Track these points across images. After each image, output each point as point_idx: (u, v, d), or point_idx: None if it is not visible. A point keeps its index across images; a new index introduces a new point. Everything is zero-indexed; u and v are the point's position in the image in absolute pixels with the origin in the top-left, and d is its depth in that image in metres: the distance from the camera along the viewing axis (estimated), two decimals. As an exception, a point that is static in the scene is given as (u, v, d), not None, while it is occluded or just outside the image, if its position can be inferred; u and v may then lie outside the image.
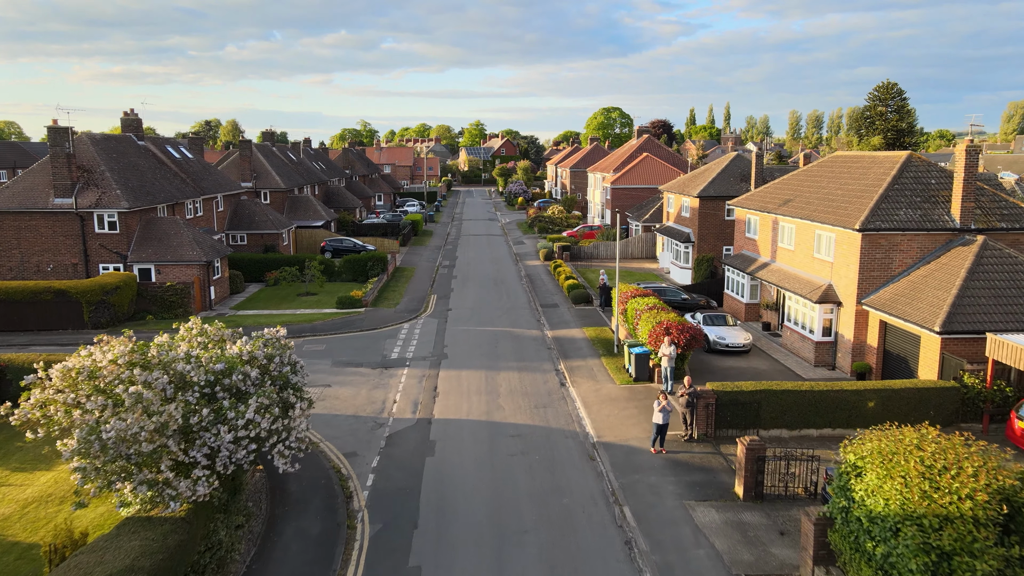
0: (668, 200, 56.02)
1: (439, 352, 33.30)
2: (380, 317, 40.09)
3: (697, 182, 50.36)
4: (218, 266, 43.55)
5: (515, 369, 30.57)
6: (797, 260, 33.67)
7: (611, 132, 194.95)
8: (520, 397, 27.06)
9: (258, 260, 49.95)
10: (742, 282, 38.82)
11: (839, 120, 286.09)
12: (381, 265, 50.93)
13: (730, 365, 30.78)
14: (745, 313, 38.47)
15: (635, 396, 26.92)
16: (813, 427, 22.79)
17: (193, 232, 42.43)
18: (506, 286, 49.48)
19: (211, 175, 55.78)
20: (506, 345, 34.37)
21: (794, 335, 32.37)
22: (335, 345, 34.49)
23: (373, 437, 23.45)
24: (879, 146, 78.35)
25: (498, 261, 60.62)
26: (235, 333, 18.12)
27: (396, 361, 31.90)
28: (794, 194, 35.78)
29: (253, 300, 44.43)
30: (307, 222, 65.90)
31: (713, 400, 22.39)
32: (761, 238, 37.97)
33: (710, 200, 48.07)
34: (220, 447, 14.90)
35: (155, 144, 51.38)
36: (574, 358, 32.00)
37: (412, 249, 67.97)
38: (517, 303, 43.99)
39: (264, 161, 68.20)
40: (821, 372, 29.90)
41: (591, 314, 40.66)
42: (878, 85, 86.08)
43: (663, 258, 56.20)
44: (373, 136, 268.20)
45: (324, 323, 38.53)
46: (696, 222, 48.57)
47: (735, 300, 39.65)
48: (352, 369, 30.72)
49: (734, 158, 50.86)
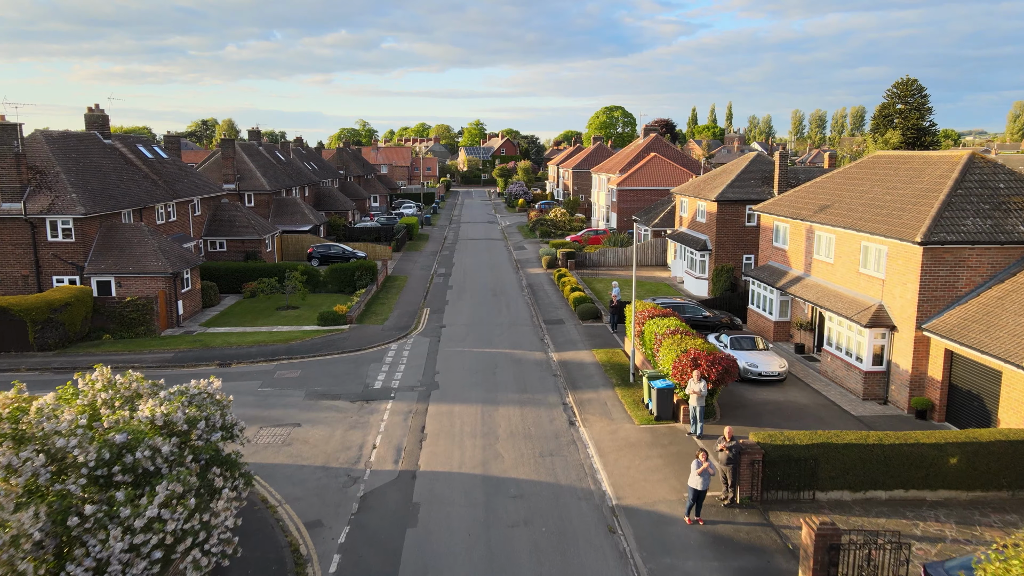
0: (681, 204, 51.86)
1: (429, 380, 29.15)
2: (366, 336, 35.92)
3: (714, 185, 46.21)
4: (188, 277, 39.39)
5: (516, 403, 26.41)
6: (838, 275, 29.51)
7: (613, 131, 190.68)
8: (523, 441, 22.90)
9: (235, 269, 45.79)
10: (770, 298, 34.66)
11: (843, 120, 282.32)
12: (370, 275, 46.78)
13: (764, 398, 26.62)
14: (774, 332, 34.30)
15: (658, 440, 22.76)
16: (881, 488, 18.63)
17: (159, 240, 38.27)
18: (506, 298, 45.32)
19: (188, 176, 51.62)
20: (506, 371, 30.23)
21: (836, 362, 28.21)
22: (312, 371, 30.33)
23: (344, 498, 19.29)
24: (899, 144, 74.17)
25: (497, 269, 56.45)
26: (155, 386, 13.95)
27: (379, 392, 27.74)
28: (831, 199, 31.63)
29: (227, 315, 40.26)
30: (293, 226, 61.72)
31: (760, 456, 18.24)
32: (792, 248, 33.82)
33: (729, 204, 43.92)
34: (110, 559, 10.78)
35: (124, 143, 47.22)
36: (584, 388, 27.84)
37: (406, 255, 63.81)
38: (518, 318, 39.83)
39: (248, 161, 64.04)
40: (871, 407, 25.74)
41: (601, 333, 36.49)
42: (896, 81, 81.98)
43: (676, 266, 52.03)
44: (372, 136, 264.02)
45: (302, 343, 34.36)
46: (714, 228, 44.41)
47: (762, 318, 35.48)
48: (328, 403, 26.55)
49: (754, 159, 46.70)
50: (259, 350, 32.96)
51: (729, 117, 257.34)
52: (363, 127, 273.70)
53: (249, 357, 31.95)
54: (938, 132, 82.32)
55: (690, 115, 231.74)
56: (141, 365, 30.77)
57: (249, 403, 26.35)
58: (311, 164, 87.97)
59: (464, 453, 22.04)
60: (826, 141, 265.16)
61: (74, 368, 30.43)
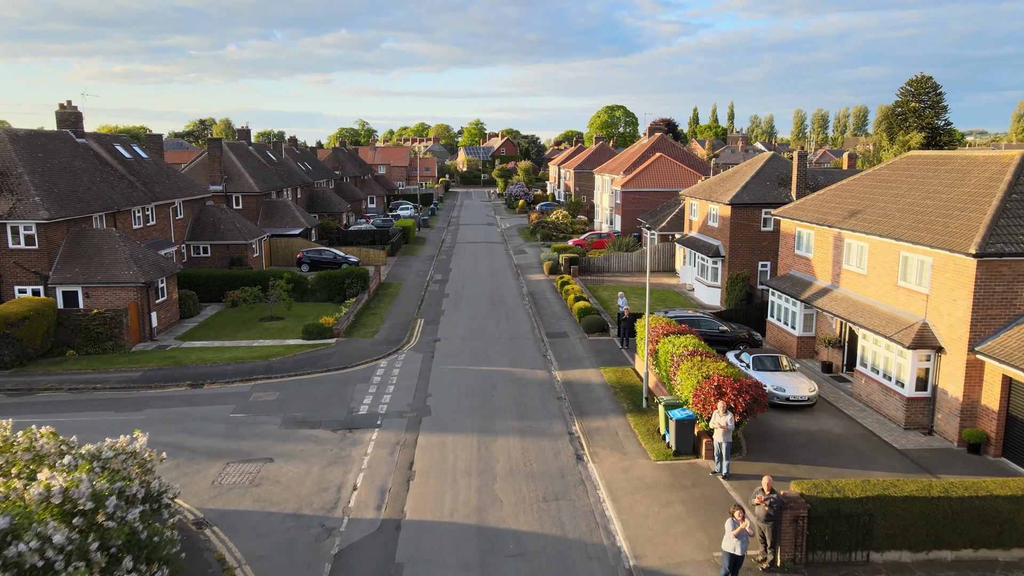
0: (691, 207, 49.05)
1: (420, 404, 26.34)
2: (353, 351, 33.12)
3: (727, 187, 43.41)
4: (163, 287, 36.59)
5: (516, 432, 23.62)
6: (872, 288, 26.70)
7: (615, 131, 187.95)
8: (524, 481, 20.10)
9: (217, 277, 42.98)
10: (793, 311, 31.85)
11: (845, 119, 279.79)
12: (361, 282, 43.97)
13: (794, 426, 23.81)
14: (797, 348, 31.51)
15: (679, 480, 19.95)
16: (948, 548, 15.84)
17: (131, 246, 35.48)
18: (506, 308, 42.52)
19: (169, 178, 48.84)
20: (505, 393, 27.43)
21: (872, 385, 25.40)
22: (291, 393, 27.54)
23: (316, 557, 16.47)
24: (918, 145, 71.31)
25: (497, 275, 53.65)
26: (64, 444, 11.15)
27: (365, 419, 24.94)
28: (862, 204, 28.84)
29: (205, 327, 37.45)
30: (283, 230, 58.96)
31: (804, 512, 15.44)
32: (818, 257, 31.02)
33: (744, 208, 41.11)
34: None
35: (99, 142, 44.43)
36: (592, 415, 25.04)
37: (401, 260, 60.99)
38: (518, 331, 37.03)
39: (236, 162, 61.25)
40: (915, 438, 22.94)
41: (608, 348, 33.69)
42: (910, 79, 79.06)
43: (685, 273, 49.24)
44: (371, 136, 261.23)
45: (283, 360, 31.56)
46: (727, 233, 41.60)
47: (784, 332, 32.67)
48: (306, 432, 23.75)
49: (769, 159, 43.90)
50: (235, 368, 30.16)
51: (731, 117, 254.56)
52: (362, 127, 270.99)
53: (224, 376, 29.16)
54: (954, 132, 79.40)
55: (691, 115, 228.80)
56: (104, 386, 27.99)
57: (218, 433, 23.56)
58: (305, 164, 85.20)
59: (457, 496, 19.24)
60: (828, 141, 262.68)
61: (30, 389, 27.68)
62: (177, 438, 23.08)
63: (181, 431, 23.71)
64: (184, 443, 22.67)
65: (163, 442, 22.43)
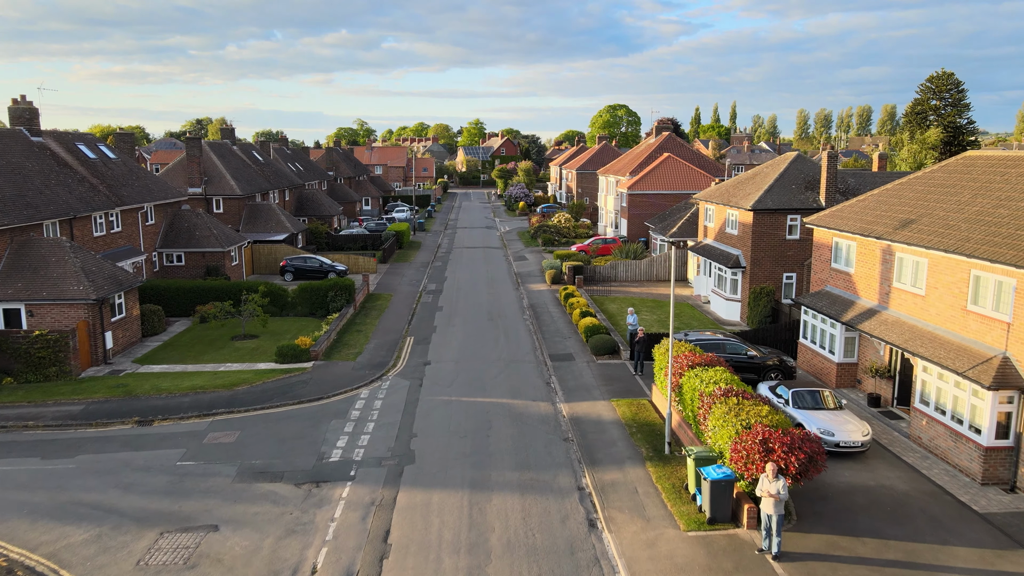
0: (706, 212, 45.15)
1: (403, 448, 22.47)
2: (331, 377, 29.25)
3: (747, 191, 39.53)
4: (121, 302, 32.72)
5: (516, 487, 19.74)
6: (932, 311, 22.83)
7: (617, 131, 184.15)
8: (524, 561, 16.20)
9: (188, 289, 39.10)
10: (832, 333, 27.98)
11: (848, 119, 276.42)
12: (346, 295, 40.07)
13: (848, 481, 19.92)
14: (836, 377, 27.64)
15: (718, 562, 16.06)
16: None
17: (84, 257, 31.62)
18: (504, 323, 38.63)
19: (139, 180, 45.01)
20: (503, 433, 23.56)
21: (936, 428, 21.53)
22: (255, 432, 23.67)
23: None
24: (936, 140, 67.47)
25: (495, 284, 49.77)
26: None
27: (336, 468, 21.07)
28: (915, 212, 24.97)
29: (169, 348, 33.57)
30: (267, 235, 55.08)
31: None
32: (861, 273, 27.15)
33: (767, 215, 37.22)
34: None
35: (59, 142, 40.59)
36: (605, 463, 21.16)
37: (393, 268, 57.10)
38: (519, 352, 33.16)
39: (218, 163, 57.41)
40: (997, 497, 19.07)
41: (620, 374, 29.81)
42: (931, 75, 75.18)
43: (699, 283, 45.37)
44: (370, 135, 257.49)
45: (250, 389, 27.68)
46: (748, 242, 37.72)
47: (820, 357, 28.79)
48: (265, 487, 19.87)
49: (794, 160, 40.02)
50: (194, 400, 26.29)
51: (733, 117, 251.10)
52: (361, 127, 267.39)
53: (179, 411, 25.29)
54: (977, 130, 75.53)
55: (693, 115, 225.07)
56: (37, 423, 24.12)
57: (158, 488, 19.68)
58: (295, 165, 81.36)
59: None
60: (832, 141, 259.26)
61: (-50, 428, 23.79)
62: (108, 496, 19.21)
63: (115, 485, 19.84)
64: (115, 504, 18.80)
65: (90, 502, 18.62)
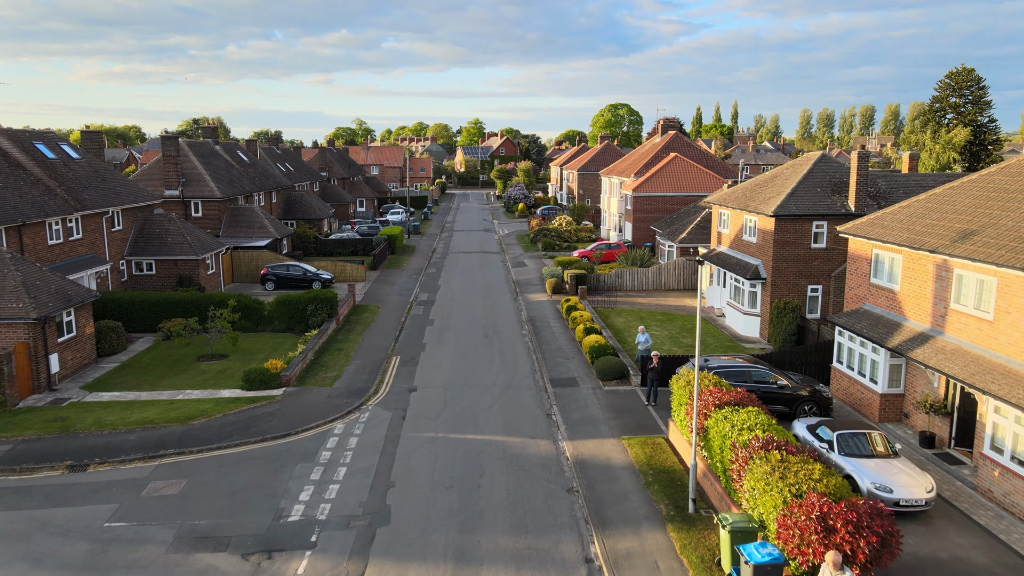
0: (720, 217, 41.63)
1: (378, 503, 18.95)
2: (303, 408, 25.76)
3: (766, 194, 36.04)
4: (70, 320, 29.23)
5: (511, 560, 16.22)
6: (1004, 340, 19.32)
7: (619, 130, 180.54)
8: (519, 673, 12.71)
9: (153, 302, 35.59)
10: (874, 359, 24.45)
11: (851, 119, 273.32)
12: (327, 308, 36.54)
13: (913, 552, 16.38)
14: (879, 409, 24.13)
15: (766, 675, 12.56)
16: None
17: (27, 270, 28.14)
18: (501, 340, 35.13)
19: (105, 182, 41.53)
20: (496, 483, 20.04)
21: (1014, 482, 18.02)
22: (203, 481, 20.16)
23: None
24: (963, 142, 63.95)
25: (492, 295, 46.27)
26: None
27: (295, 531, 17.56)
28: (975, 221, 21.47)
29: (128, 370, 30.08)
30: (248, 241, 51.58)
31: None
32: (908, 290, 23.64)
33: (791, 221, 33.72)
34: None
35: (13, 140, 37.10)
36: (618, 525, 17.65)
37: (384, 275, 53.57)
38: (516, 376, 29.66)
39: (197, 163, 53.87)
40: (1099, 575, 15.56)
41: (631, 404, 26.29)
42: (950, 71, 71.55)
43: (713, 294, 41.84)
44: (368, 135, 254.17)
45: (208, 423, 24.17)
46: (769, 251, 34.22)
47: (859, 386, 25.27)
48: (205, 558, 16.35)
49: (818, 161, 36.51)
50: (140, 438, 22.78)
51: (735, 116, 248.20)
52: (359, 126, 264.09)
53: (121, 452, 21.80)
54: (999, 129, 71.98)
55: (695, 114, 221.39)
56: (-48, 469, 20.63)
57: (74, 562, 16.17)
58: (284, 166, 77.86)
59: None
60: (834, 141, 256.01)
61: None
62: (11, 573, 15.71)
63: (23, 557, 16.34)
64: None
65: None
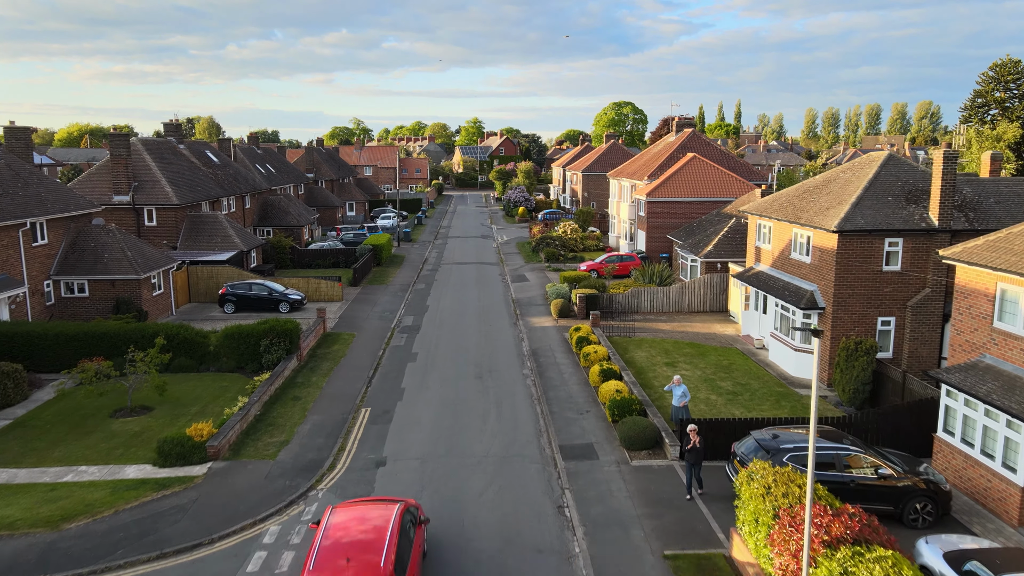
0: (759, 230, 34.94)
1: None
2: (229, 498, 19.10)
3: (822, 203, 29.42)
4: (-60, 371, 22.60)
5: None
6: None
7: (623, 129, 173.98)
8: None
9: (70, 336, 28.96)
10: (1009, 436, 17.78)
11: (856, 118, 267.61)
12: (286, 343, 29.88)
13: None
14: (1020, 508, 17.49)
15: None
16: None
17: None
18: (498, 385, 28.47)
19: (27, 188, 34.92)
20: (485, 644, 13.43)
21: None
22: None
23: None
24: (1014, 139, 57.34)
25: (488, 318, 39.61)
26: None
27: None
28: None
29: (16, 431, 23.41)
30: (208, 254, 44.94)
31: None
32: (1062, 345, 17.00)
33: (858, 237, 27.08)
34: None
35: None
36: None
37: (366, 291, 46.92)
38: (517, 439, 23.00)
39: (153, 165, 47.24)
40: None
41: (668, 490, 19.58)
42: (995, 63, 64.97)
43: (750, 321, 35.09)
44: (366, 134, 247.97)
45: (90, 526, 17.52)
46: (831, 274, 27.58)
47: (983, 471, 18.57)
48: None
49: (885, 163, 29.87)
50: (-14, 556, 16.15)
51: (738, 116, 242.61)
52: (357, 125, 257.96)
53: (-50, 582, 15.19)
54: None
55: (697, 113, 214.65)
56: None
57: None
58: (264, 167, 71.26)
59: None
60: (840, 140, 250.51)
61: None
62: None
63: None
64: None
65: None
